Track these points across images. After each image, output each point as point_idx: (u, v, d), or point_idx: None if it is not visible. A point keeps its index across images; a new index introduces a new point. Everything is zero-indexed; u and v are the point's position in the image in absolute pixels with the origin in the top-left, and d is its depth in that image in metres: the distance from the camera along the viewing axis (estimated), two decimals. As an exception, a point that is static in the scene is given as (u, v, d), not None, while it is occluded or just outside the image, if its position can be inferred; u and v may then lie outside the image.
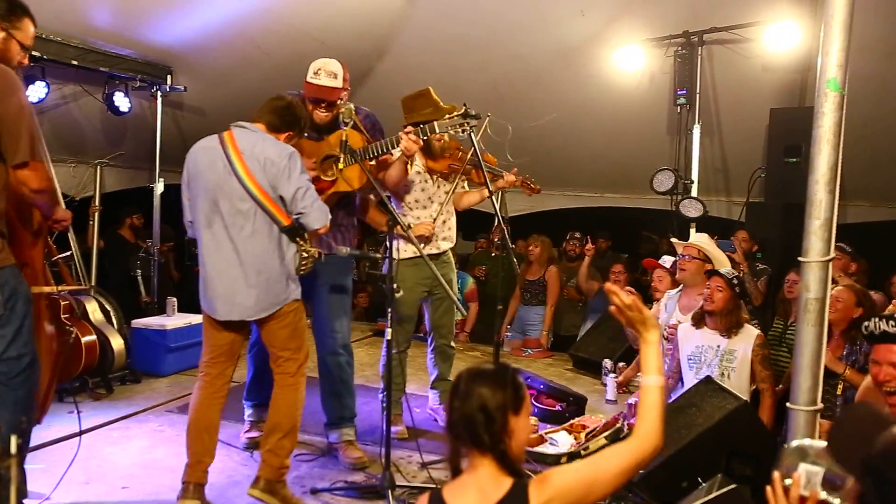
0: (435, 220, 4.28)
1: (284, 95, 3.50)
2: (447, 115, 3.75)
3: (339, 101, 3.75)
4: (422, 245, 4.07)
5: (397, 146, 3.74)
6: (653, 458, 1.85)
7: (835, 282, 4.39)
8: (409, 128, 3.74)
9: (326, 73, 3.70)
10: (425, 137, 3.78)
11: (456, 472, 1.89)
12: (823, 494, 1.63)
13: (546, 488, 1.78)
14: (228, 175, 3.18)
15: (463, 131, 3.73)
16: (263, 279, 3.20)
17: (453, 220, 4.45)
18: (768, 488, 1.71)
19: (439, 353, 4.52)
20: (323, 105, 3.73)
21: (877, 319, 2.51)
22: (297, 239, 3.24)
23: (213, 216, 3.22)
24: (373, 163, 3.80)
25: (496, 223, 4.15)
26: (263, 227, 3.19)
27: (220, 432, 3.38)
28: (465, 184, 4.47)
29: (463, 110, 3.70)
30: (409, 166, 3.91)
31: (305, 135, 3.71)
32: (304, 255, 3.25)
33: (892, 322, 2.46)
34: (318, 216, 3.23)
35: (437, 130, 3.75)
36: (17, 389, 2.74)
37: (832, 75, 2.38)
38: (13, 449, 1.59)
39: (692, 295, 4.55)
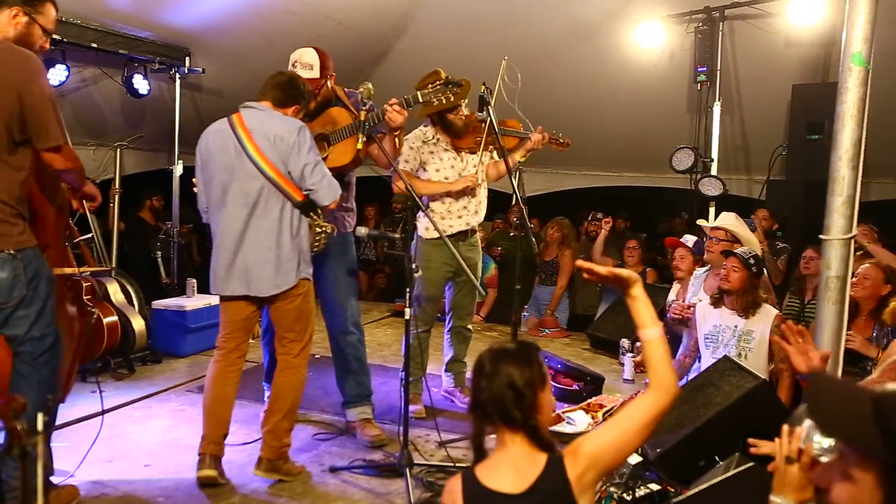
0: (476, 175, 4.27)
1: (284, 70, 3.51)
2: (429, 84, 3.76)
3: (318, 91, 3.73)
4: (466, 199, 4.19)
5: (384, 119, 3.74)
6: (671, 406, 1.87)
7: (862, 249, 4.33)
8: (393, 99, 3.71)
9: (302, 65, 3.73)
10: (409, 108, 3.77)
11: (479, 451, 1.90)
12: (817, 447, 1.69)
13: (580, 458, 1.81)
14: (239, 155, 3.22)
15: (447, 99, 3.75)
16: (275, 256, 3.24)
17: (484, 193, 4.45)
18: (777, 438, 1.79)
19: (456, 334, 4.53)
20: None
21: None
22: (311, 214, 3.26)
23: (226, 197, 3.26)
24: (365, 139, 3.75)
25: (514, 202, 4.15)
26: (276, 205, 3.22)
27: (241, 411, 3.43)
28: (495, 153, 4.44)
29: (444, 80, 3.72)
30: (397, 139, 3.90)
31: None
32: (318, 230, 3.28)
33: None
34: (327, 192, 3.25)
35: (421, 99, 3.76)
36: (41, 369, 2.79)
37: (857, 49, 2.35)
38: (40, 426, 1.61)
39: (718, 275, 4.53)
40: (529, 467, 1.81)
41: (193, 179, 3.61)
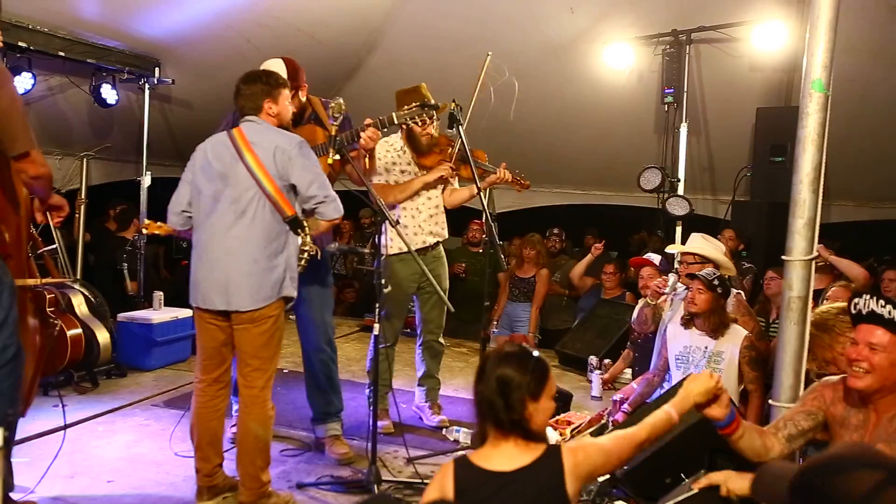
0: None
1: (249, 74, 3.36)
2: (405, 107, 3.78)
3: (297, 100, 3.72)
4: (441, 187, 4.23)
5: (358, 140, 3.75)
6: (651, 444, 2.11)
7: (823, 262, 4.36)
8: (368, 119, 3.74)
9: None
10: (384, 129, 3.79)
11: (479, 442, 2.03)
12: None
13: (578, 452, 1.97)
14: (235, 163, 3.16)
15: (423, 122, 3.79)
16: (259, 269, 3.14)
17: (443, 215, 4.45)
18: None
19: (427, 348, 4.52)
20: None
21: (867, 297, 2.39)
22: (298, 231, 3.21)
23: (216, 205, 3.18)
24: (337, 157, 3.72)
25: (482, 220, 4.18)
26: (265, 217, 3.15)
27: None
28: (455, 181, 4.47)
29: (420, 102, 3.74)
30: (367, 160, 3.91)
31: None
32: (303, 248, 3.21)
33: (881, 302, 2.35)
34: (335, 206, 3.23)
35: (396, 121, 3.78)
36: (2, 381, 2.73)
37: (817, 76, 2.41)
38: (0, 441, 1.58)
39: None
40: (523, 455, 1.95)
41: (146, 221, 3.56)
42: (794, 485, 1.46)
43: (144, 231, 3.62)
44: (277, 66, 3.69)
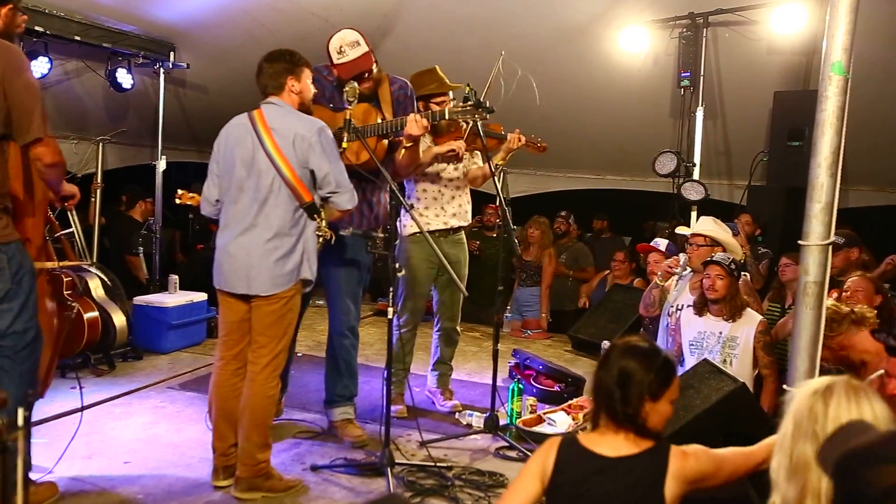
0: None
1: (270, 54, 3.35)
2: (460, 106, 3.75)
3: (370, 71, 3.72)
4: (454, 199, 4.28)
5: (402, 128, 3.75)
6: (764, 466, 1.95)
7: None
8: (419, 113, 3.75)
9: (349, 45, 3.68)
10: (434, 122, 3.78)
11: (593, 425, 2.03)
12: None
13: (689, 457, 1.94)
14: (256, 149, 3.19)
15: (474, 121, 3.75)
16: (279, 254, 3.19)
17: (465, 198, 4.45)
18: None
19: (444, 335, 4.53)
20: (366, 76, 3.72)
21: None
22: (315, 216, 3.24)
23: (240, 192, 3.23)
24: (384, 141, 3.76)
25: (497, 203, 4.18)
26: (285, 202, 3.19)
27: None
28: (478, 158, 4.45)
29: (475, 100, 3.69)
30: (404, 150, 3.89)
31: (331, 105, 3.75)
32: (318, 233, 3.25)
33: None
34: (349, 196, 3.26)
35: (448, 116, 3.77)
36: (22, 363, 2.77)
37: (837, 58, 2.38)
38: (20, 421, 1.60)
39: (700, 281, 4.56)
40: (630, 446, 1.94)
41: (179, 191, 3.59)
42: (838, 461, 1.44)
43: (178, 202, 3.65)
44: (350, 34, 3.69)
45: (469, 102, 3.69)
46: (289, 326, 3.32)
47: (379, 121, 3.77)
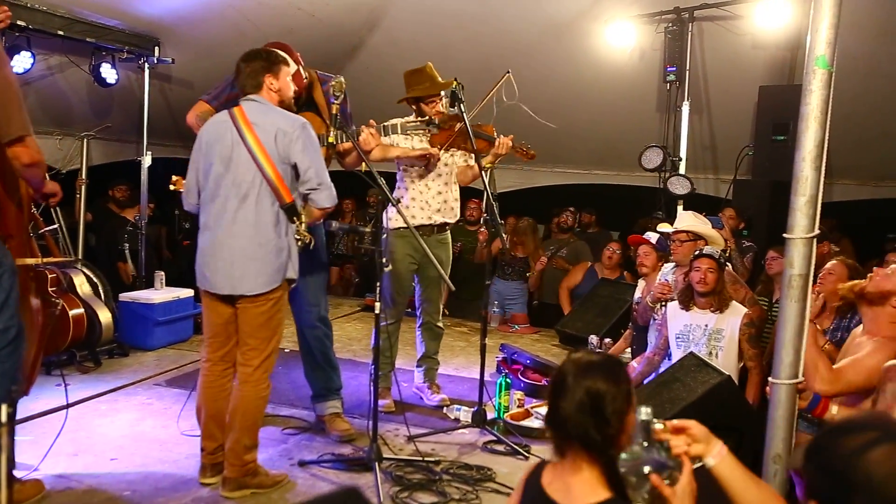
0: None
1: (249, 52, 3.34)
2: (409, 119, 3.90)
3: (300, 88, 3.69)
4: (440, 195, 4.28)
5: (358, 138, 3.78)
6: None
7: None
8: (372, 122, 3.84)
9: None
10: (385, 136, 3.87)
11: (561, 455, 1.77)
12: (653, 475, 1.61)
13: None
14: (237, 145, 3.15)
15: (428, 127, 3.90)
16: (264, 252, 3.15)
17: (452, 194, 4.43)
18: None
19: (426, 330, 4.55)
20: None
21: None
22: (294, 219, 3.20)
23: (218, 189, 3.19)
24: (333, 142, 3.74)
25: (479, 199, 4.19)
26: (266, 200, 3.15)
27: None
28: (469, 159, 4.45)
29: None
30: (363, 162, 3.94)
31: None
32: (297, 237, 3.21)
33: None
34: (329, 194, 3.23)
35: (399, 131, 3.85)
36: (4, 362, 2.74)
37: (821, 52, 2.38)
38: (3, 418, 1.60)
39: (685, 275, 4.58)
40: (587, 492, 1.68)
41: (174, 177, 3.57)
42: (808, 446, 1.49)
43: (172, 188, 3.61)
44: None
45: (420, 120, 3.86)
46: (278, 326, 3.29)
47: (324, 132, 3.72)
